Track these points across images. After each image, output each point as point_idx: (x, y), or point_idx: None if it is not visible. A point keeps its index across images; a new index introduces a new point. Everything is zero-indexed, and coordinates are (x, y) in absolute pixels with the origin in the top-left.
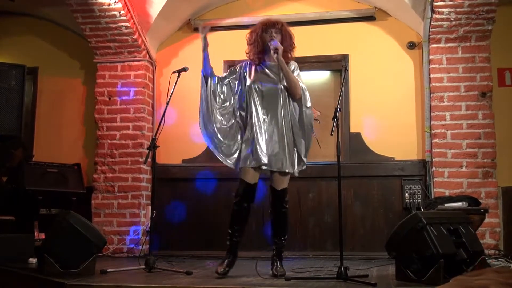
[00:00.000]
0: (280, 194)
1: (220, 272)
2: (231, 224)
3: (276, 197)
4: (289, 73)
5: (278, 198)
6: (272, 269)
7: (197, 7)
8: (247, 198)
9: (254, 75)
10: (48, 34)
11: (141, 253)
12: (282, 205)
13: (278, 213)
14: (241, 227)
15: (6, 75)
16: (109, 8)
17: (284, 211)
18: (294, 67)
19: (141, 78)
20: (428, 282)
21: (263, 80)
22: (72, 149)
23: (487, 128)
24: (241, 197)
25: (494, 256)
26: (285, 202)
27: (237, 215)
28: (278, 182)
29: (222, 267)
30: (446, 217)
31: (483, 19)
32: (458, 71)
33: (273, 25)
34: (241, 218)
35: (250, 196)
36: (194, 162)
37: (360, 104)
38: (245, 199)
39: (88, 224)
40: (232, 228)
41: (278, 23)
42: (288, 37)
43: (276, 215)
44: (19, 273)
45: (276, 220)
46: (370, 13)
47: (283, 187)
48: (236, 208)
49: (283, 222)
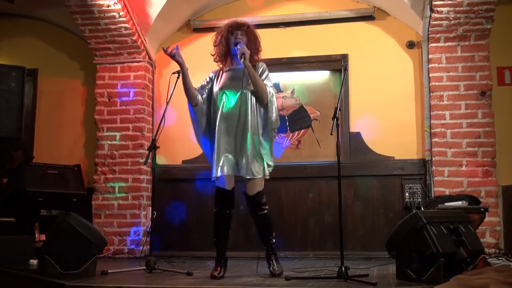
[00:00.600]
0: (254, 199)
1: (218, 276)
2: (216, 232)
3: (251, 203)
4: (256, 78)
5: (254, 204)
6: (269, 268)
7: (197, 8)
8: (227, 205)
9: (221, 80)
10: (48, 36)
11: (142, 253)
12: (260, 208)
13: (258, 217)
14: (226, 233)
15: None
16: (109, 9)
17: (262, 213)
18: (262, 69)
19: (141, 79)
20: (429, 281)
21: (229, 85)
22: (72, 150)
23: (487, 127)
24: (221, 205)
25: (494, 255)
26: (262, 205)
27: (221, 222)
28: (250, 187)
29: (217, 272)
30: (446, 216)
31: (482, 18)
32: (458, 70)
33: (239, 26)
34: (225, 224)
35: (229, 202)
36: (194, 163)
37: (360, 104)
38: (225, 206)
39: (89, 225)
40: (218, 235)
41: (244, 24)
42: (254, 39)
43: (257, 219)
44: (19, 274)
45: (259, 224)
46: (369, 12)
47: (256, 191)
48: (218, 217)
49: (266, 224)
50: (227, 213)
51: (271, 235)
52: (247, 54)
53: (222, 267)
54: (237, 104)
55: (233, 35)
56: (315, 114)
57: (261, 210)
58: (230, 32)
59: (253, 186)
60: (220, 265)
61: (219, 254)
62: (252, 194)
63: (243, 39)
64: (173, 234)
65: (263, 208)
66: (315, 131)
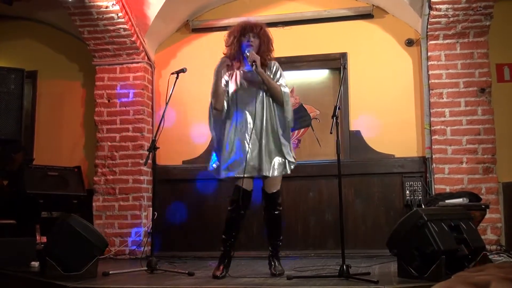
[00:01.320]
0: (272, 197)
1: (220, 275)
2: (227, 230)
3: (268, 201)
4: (270, 82)
5: (270, 202)
6: (270, 269)
7: (195, 8)
8: (244, 205)
9: (236, 80)
10: (47, 38)
11: (143, 254)
12: (275, 208)
13: (271, 216)
14: (237, 233)
15: (5, 79)
16: (107, 11)
17: (277, 213)
18: (275, 68)
19: (140, 80)
20: (430, 279)
21: (246, 86)
22: (72, 151)
23: (487, 123)
24: (238, 204)
25: (495, 251)
26: (278, 205)
27: (234, 222)
28: (269, 185)
29: (219, 271)
30: (447, 214)
31: (480, 15)
32: (457, 67)
33: (252, 28)
34: (237, 224)
35: (246, 203)
36: (195, 163)
37: (359, 102)
38: (242, 206)
39: (90, 226)
40: (228, 234)
41: (257, 26)
42: (267, 41)
43: (269, 219)
44: (21, 276)
45: (270, 224)
46: (367, 11)
47: (274, 190)
48: (233, 215)
49: (277, 225)
50: (241, 213)
51: (279, 237)
52: (258, 61)
53: (225, 267)
54: (257, 105)
55: (246, 37)
56: (314, 113)
57: (276, 209)
58: (243, 34)
59: (272, 183)
60: (224, 264)
61: (224, 252)
62: (270, 192)
63: (255, 42)
64: (174, 235)
65: (278, 208)
66: (315, 130)
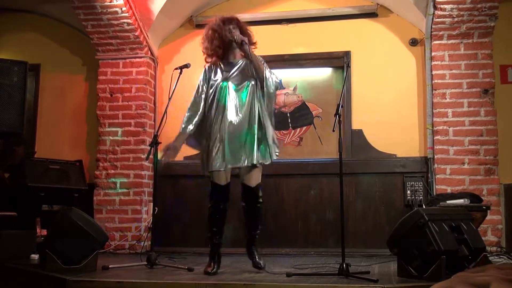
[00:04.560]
0: (254, 190)
1: (211, 272)
2: (210, 227)
3: (250, 195)
4: (258, 60)
5: (252, 195)
6: (253, 260)
7: (199, 4)
8: (222, 199)
9: (221, 72)
10: (50, 31)
11: (143, 249)
12: (258, 201)
13: (252, 209)
14: (221, 228)
15: (8, 72)
16: (111, 5)
17: (259, 206)
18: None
19: (143, 75)
20: (430, 279)
21: (233, 77)
22: (74, 145)
23: (489, 125)
24: (216, 200)
25: (496, 253)
26: (260, 197)
27: (215, 217)
28: (250, 178)
29: (210, 268)
30: (448, 214)
31: (485, 15)
32: (461, 68)
33: (230, 21)
34: (219, 219)
35: (225, 197)
36: (196, 159)
37: (362, 101)
38: (220, 201)
39: (90, 220)
40: (212, 230)
41: (233, 18)
42: (245, 28)
43: (250, 211)
44: (21, 269)
45: (251, 215)
46: (372, 9)
47: (256, 183)
48: (213, 211)
49: (259, 216)
50: (221, 208)
51: (259, 227)
52: (246, 39)
53: (216, 263)
54: (245, 95)
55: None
56: (317, 111)
57: (258, 202)
58: (223, 28)
59: (253, 177)
60: (214, 261)
61: (212, 249)
62: (253, 185)
63: (236, 31)
64: (175, 230)
65: (260, 201)
66: (317, 128)
